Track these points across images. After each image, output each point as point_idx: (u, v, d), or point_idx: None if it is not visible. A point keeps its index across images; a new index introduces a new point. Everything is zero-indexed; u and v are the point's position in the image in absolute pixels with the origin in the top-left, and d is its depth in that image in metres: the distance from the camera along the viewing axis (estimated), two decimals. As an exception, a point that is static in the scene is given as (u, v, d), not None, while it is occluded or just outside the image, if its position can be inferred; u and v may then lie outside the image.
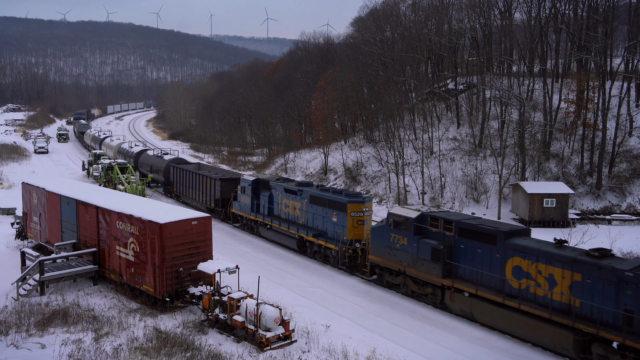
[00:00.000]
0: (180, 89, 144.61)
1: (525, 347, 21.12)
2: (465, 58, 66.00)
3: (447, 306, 23.92)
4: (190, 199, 44.62)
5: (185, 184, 45.43)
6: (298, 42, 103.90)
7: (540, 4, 54.32)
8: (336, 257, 29.82)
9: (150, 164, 53.85)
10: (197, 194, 43.52)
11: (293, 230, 32.81)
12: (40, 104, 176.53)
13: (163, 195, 51.21)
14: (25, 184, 33.75)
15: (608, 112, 45.62)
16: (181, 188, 46.36)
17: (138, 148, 62.01)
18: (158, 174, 51.26)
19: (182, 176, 45.92)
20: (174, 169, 47.86)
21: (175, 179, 47.58)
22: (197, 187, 43.27)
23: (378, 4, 79.52)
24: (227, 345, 20.34)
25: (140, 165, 56.51)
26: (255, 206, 36.47)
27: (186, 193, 45.40)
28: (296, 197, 32.94)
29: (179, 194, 46.83)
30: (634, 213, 41.01)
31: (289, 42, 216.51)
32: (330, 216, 30.29)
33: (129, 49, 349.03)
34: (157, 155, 54.50)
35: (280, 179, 36.07)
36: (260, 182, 36.62)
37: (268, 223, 35.25)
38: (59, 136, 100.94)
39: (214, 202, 41.02)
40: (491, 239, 21.97)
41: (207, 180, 41.72)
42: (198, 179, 43.11)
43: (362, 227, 29.26)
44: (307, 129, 75.40)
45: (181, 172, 46.25)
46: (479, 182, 45.80)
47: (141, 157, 57.22)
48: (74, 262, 27.10)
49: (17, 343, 20.14)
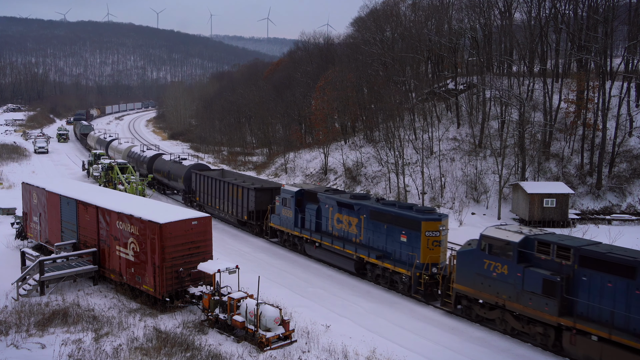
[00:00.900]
0: (180, 89, 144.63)
1: (525, 347, 21.11)
2: (465, 58, 65.99)
3: (564, 350, 19.95)
4: (217, 210, 41.01)
5: (211, 193, 41.82)
6: (298, 42, 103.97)
7: (540, 4, 54.32)
8: (407, 284, 25.72)
9: (167, 170, 49.95)
10: (225, 204, 39.76)
11: (350, 250, 28.57)
12: (40, 104, 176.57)
13: (183, 204, 46.36)
14: (25, 184, 33.76)
15: (608, 112, 45.61)
16: (205, 197, 42.71)
17: (151, 152, 58.00)
18: (177, 182, 47.62)
19: (207, 184, 42.22)
20: (196, 177, 43.96)
21: (198, 187, 43.78)
22: (226, 197, 39.57)
23: (378, 4, 79.63)
24: (227, 345, 20.34)
25: (156, 171, 52.63)
26: (299, 221, 32.45)
27: (211, 203, 41.71)
28: (352, 212, 28.90)
29: (202, 203, 43.19)
30: (634, 213, 41.01)
31: (289, 42, 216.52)
32: (398, 235, 26.25)
33: (129, 49, 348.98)
34: (175, 161, 50.19)
35: (330, 191, 32.00)
36: (305, 193, 32.57)
37: (316, 240, 31.06)
38: (59, 136, 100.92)
39: (247, 215, 37.21)
40: (629, 271, 18.17)
41: (239, 190, 37.92)
42: (227, 188, 39.43)
43: (438, 249, 25.08)
44: (307, 129, 75.41)
45: (206, 180, 42.53)
46: (479, 182, 45.80)
47: (156, 163, 53.40)
48: (74, 262, 27.10)
49: (17, 343, 20.14)
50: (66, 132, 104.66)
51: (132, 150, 61.86)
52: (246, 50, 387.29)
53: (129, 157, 59.90)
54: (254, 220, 37.07)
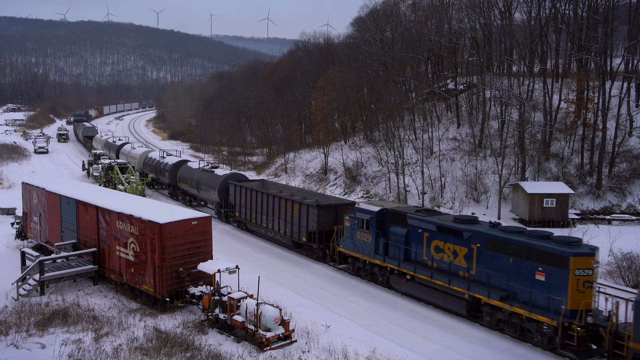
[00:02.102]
0: (180, 89, 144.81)
1: (525, 347, 21.11)
2: (465, 58, 66.01)
3: None
4: (264, 229, 35.83)
5: (255, 208, 36.35)
6: (298, 42, 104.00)
7: (540, 4, 54.32)
8: (550, 336, 20.28)
9: (196, 179, 44.19)
10: (275, 222, 34.42)
11: (458, 287, 23.09)
12: (40, 104, 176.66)
13: (218, 221, 41.27)
14: (25, 184, 33.75)
15: (608, 112, 45.62)
16: (248, 213, 37.36)
17: (173, 159, 51.53)
18: (209, 193, 42.38)
19: (251, 198, 36.80)
20: (236, 189, 38.52)
21: (238, 201, 38.35)
22: (276, 214, 34.18)
23: (378, 4, 79.66)
24: (227, 345, 20.34)
25: (181, 181, 46.95)
26: (381, 247, 27.03)
27: (256, 220, 36.44)
28: (459, 240, 23.51)
29: (244, 220, 38.07)
30: (634, 213, 41.01)
31: (289, 42, 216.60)
32: (530, 272, 20.98)
33: (129, 49, 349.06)
34: (205, 169, 44.53)
35: (423, 211, 26.32)
36: (389, 214, 27.13)
37: (408, 272, 25.68)
38: (59, 136, 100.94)
39: (307, 236, 31.70)
40: None
41: (296, 207, 32.35)
42: (279, 203, 33.96)
43: (590, 291, 19.90)
44: (307, 129, 75.42)
45: (249, 193, 37.01)
46: (479, 182, 45.80)
47: (181, 171, 47.35)
48: (74, 262, 27.10)
49: (17, 343, 20.14)
50: (66, 132, 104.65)
51: (149, 157, 55.53)
52: (246, 50, 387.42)
53: (145, 165, 54.69)
54: (316, 242, 31.35)
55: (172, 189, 49.65)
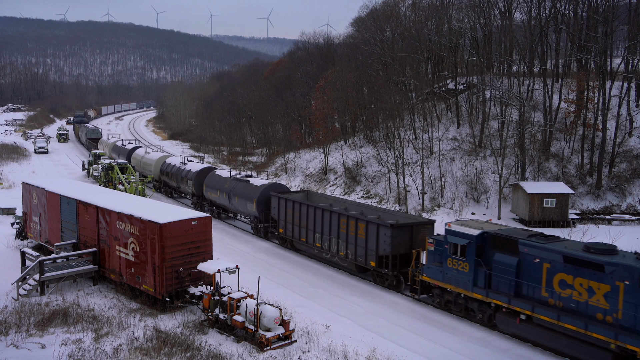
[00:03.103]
0: (180, 89, 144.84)
1: (525, 347, 21.12)
2: (465, 58, 66.01)
3: None
4: (318, 249, 31.30)
5: (307, 225, 31.83)
6: (298, 42, 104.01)
7: (540, 4, 54.31)
8: None
9: (228, 190, 39.52)
10: (334, 243, 29.85)
11: (600, 335, 18.60)
12: (40, 104, 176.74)
13: (254, 236, 37.88)
14: (25, 184, 33.76)
15: (608, 112, 45.61)
16: (296, 231, 32.82)
17: (197, 165, 46.98)
18: (245, 205, 37.73)
19: (301, 214, 32.22)
20: (280, 202, 33.99)
21: (283, 216, 33.90)
22: (336, 233, 29.70)
23: (378, 4, 79.67)
24: (227, 345, 20.34)
25: (209, 189, 42.42)
26: (482, 278, 22.32)
27: (308, 239, 31.93)
28: (596, 274, 19.02)
29: (290, 237, 33.67)
30: (634, 213, 41.01)
31: (289, 42, 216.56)
32: None
33: (129, 49, 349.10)
34: (238, 178, 39.85)
35: (539, 236, 21.63)
36: (492, 238, 22.34)
37: (523, 311, 20.97)
38: (59, 136, 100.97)
39: (376, 260, 27.25)
40: None
41: (362, 226, 27.95)
42: (338, 221, 29.48)
43: None
44: (307, 129, 75.43)
45: (299, 208, 32.35)
46: (479, 182, 45.80)
47: (208, 180, 43.00)
48: (74, 262, 27.11)
49: (17, 343, 20.14)
50: (66, 132, 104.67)
51: (167, 163, 50.38)
52: (246, 50, 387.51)
53: (163, 172, 50.30)
54: (389, 268, 26.83)
55: (197, 200, 45.14)
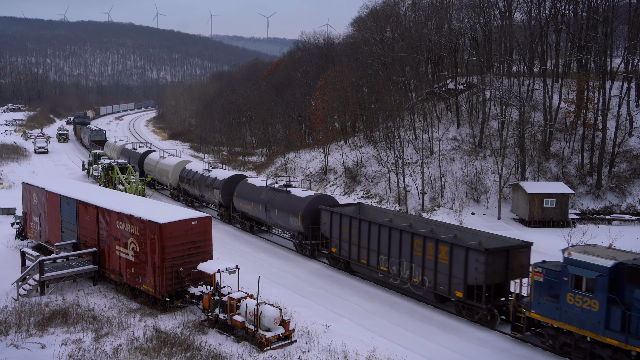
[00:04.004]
0: (180, 89, 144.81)
1: (525, 347, 21.11)
2: (465, 58, 66.01)
3: None
4: (383, 273, 27.09)
5: (368, 245, 27.72)
6: (298, 42, 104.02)
7: (540, 4, 54.33)
8: None
9: (265, 201, 35.22)
10: (405, 267, 25.79)
11: None
12: (40, 104, 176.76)
13: (297, 255, 33.52)
14: (25, 184, 33.77)
15: (608, 112, 45.61)
16: (354, 251, 28.64)
17: (224, 172, 42.56)
18: (286, 219, 33.23)
19: (360, 232, 28.14)
20: (333, 218, 29.79)
21: (336, 234, 29.70)
22: (408, 255, 25.55)
23: (378, 4, 79.66)
24: (227, 345, 20.34)
25: (240, 201, 38.02)
26: (619, 320, 18.25)
27: (370, 261, 27.71)
28: None
29: (346, 258, 29.28)
30: (634, 213, 41.01)
31: (289, 42, 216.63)
32: None
33: (129, 49, 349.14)
34: (276, 188, 35.65)
35: None
36: (632, 271, 18.27)
37: None
38: (59, 136, 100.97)
39: (464, 291, 23.13)
40: None
41: (444, 249, 23.93)
42: (411, 241, 25.36)
43: None
44: (307, 129, 75.43)
45: (358, 225, 28.24)
46: (479, 182, 45.80)
47: (240, 189, 38.50)
48: (74, 262, 27.12)
49: (17, 343, 20.15)
50: (66, 132, 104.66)
51: (187, 169, 46.28)
52: (246, 50, 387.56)
53: (182, 179, 46.34)
54: (481, 300, 22.58)
55: (225, 211, 40.93)
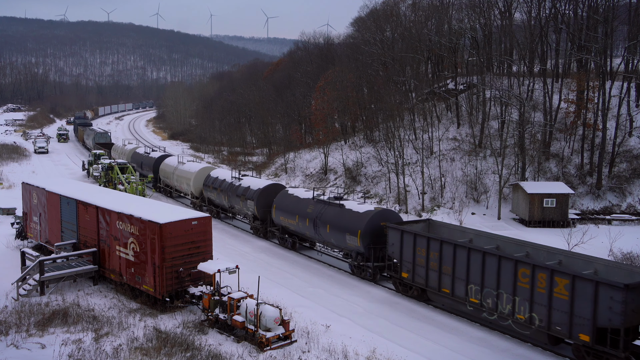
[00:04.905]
0: (180, 89, 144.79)
1: (525, 347, 21.11)
2: (465, 58, 66.00)
3: None
4: (475, 306, 22.75)
5: (452, 272, 23.53)
6: (298, 42, 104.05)
7: (540, 4, 54.35)
8: None
9: (314, 215, 31.06)
10: (505, 301, 21.46)
11: None
12: (40, 104, 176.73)
13: (353, 278, 29.33)
14: (25, 184, 33.76)
15: (608, 112, 45.62)
16: (433, 277, 24.47)
17: (259, 181, 38.09)
18: (343, 238, 29.04)
19: (443, 255, 23.90)
20: (405, 238, 25.59)
21: (408, 256, 25.52)
22: (508, 286, 21.30)
23: (378, 4, 79.69)
24: (227, 345, 20.34)
25: (281, 214, 33.85)
26: None
27: (454, 290, 23.48)
28: None
29: (419, 284, 25.19)
30: (634, 213, 41.01)
31: (289, 42, 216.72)
32: None
33: (129, 49, 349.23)
34: (325, 200, 31.40)
35: None
36: None
37: None
38: (59, 136, 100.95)
39: (592, 333, 18.91)
40: None
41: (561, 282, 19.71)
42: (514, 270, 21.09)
43: None
44: (307, 129, 75.42)
45: (438, 247, 24.05)
46: (479, 182, 45.80)
47: (280, 201, 34.36)
48: (74, 262, 27.11)
49: (17, 343, 20.15)
50: (66, 132, 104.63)
51: (213, 176, 42.14)
52: (246, 50, 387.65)
53: (207, 186, 42.20)
54: (618, 347, 18.44)
55: (261, 224, 36.80)
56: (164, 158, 52.42)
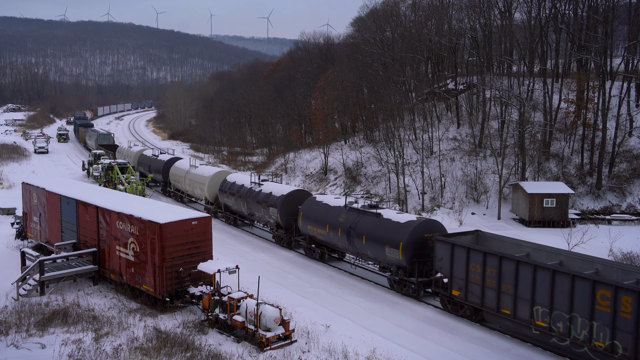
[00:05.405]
0: (180, 89, 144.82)
1: (525, 347, 21.10)
2: (465, 58, 66.03)
3: None
4: (542, 331, 20.13)
5: (514, 291, 20.95)
6: (298, 42, 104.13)
7: (540, 4, 54.35)
8: None
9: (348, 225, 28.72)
10: (581, 326, 18.94)
11: None
12: (40, 104, 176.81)
13: (392, 293, 26.96)
14: (25, 184, 33.76)
15: (608, 112, 45.63)
16: (490, 296, 21.93)
17: (281, 187, 35.76)
18: (382, 251, 26.73)
19: (502, 272, 21.34)
20: (457, 253, 23.07)
21: (460, 273, 23.04)
22: (584, 309, 18.84)
23: (378, 4, 79.76)
24: (227, 345, 20.34)
25: (309, 223, 31.54)
26: None
27: (517, 312, 20.87)
28: None
29: (473, 303, 22.73)
30: (634, 213, 41.02)
31: (289, 42, 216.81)
32: None
33: (129, 49, 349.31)
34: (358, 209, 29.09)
35: None
36: None
37: None
38: (59, 136, 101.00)
39: None
40: None
41: None
42: (592, 292, 18.56)
43: None
44: (307, 129, 75.46)
45: (497, 263, 21.43)
46: (479, 182, 45.80)
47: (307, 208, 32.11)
48: (74, 262, 27.11)
49: (17, 343, 20.14)
50: (66, 132, 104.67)
51: (229, 181, 40.14)
52: (246, 50, 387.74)
53: (224, 192, 40.06)
54: None
55: (285, 233, 34.55)
56: (174, 161, 50.42)
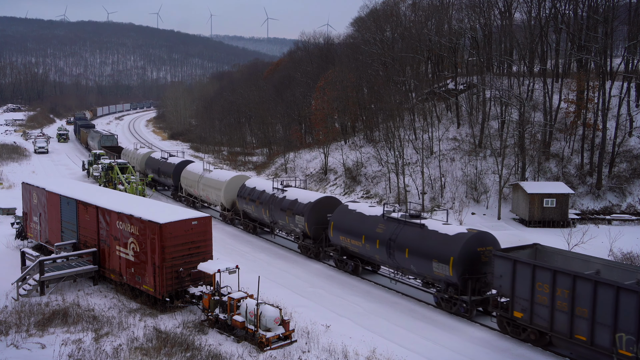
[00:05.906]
0: (180, 89, 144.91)
1: (525, 347, 21.10)
2: (465, 58, 66.03)
3: None
4: None
5: (592, 316, 18.60)
6: (298, 42, 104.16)
7: (540, 4, 54.37)
8: None
9: (387, 237, 26.48)
10: None
11: None
12: (40, 104, 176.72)
13: (441, 313, 24.46)
14: (25, 184, 33.76)
15: (608, 112, 45.63)
16: (561, 320, 19.51)
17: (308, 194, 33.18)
18: (429, 266, 24.48)
19: (576, 294, 19.01)
20: (520, 271, 20.65)
21: (524, 293, 20.61)
22: None
23: (378, 4, 79.76)
24: (227, 345, 20.34)
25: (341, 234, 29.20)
26: None
27: (595, 339, 18.48)
28: None
29: (540, 326, 20.36)
30: (634, 213, 41.02)
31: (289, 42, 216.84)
32: None
33: (129, 49, 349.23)
34: (397, 219, 26.84)
35: None
36: None
37: None
38: (59, 136, 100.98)
39: None
40: None
41: None
42: None
43: None
44: (307, 129, 75.47)
45: (570, 283, 19.03)
46: (479, 182, 45.80)
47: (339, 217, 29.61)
48: (74, 262, 27.10)
49: (17, 343, 20.14)
50: (66, 132, 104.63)
51: (249, 186, 37.70)
52: (246, 50, 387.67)
53: (242, 198, 37.64)
54: None
55: (313, 243, 31.95)
56: (186, 164, 47.82)
